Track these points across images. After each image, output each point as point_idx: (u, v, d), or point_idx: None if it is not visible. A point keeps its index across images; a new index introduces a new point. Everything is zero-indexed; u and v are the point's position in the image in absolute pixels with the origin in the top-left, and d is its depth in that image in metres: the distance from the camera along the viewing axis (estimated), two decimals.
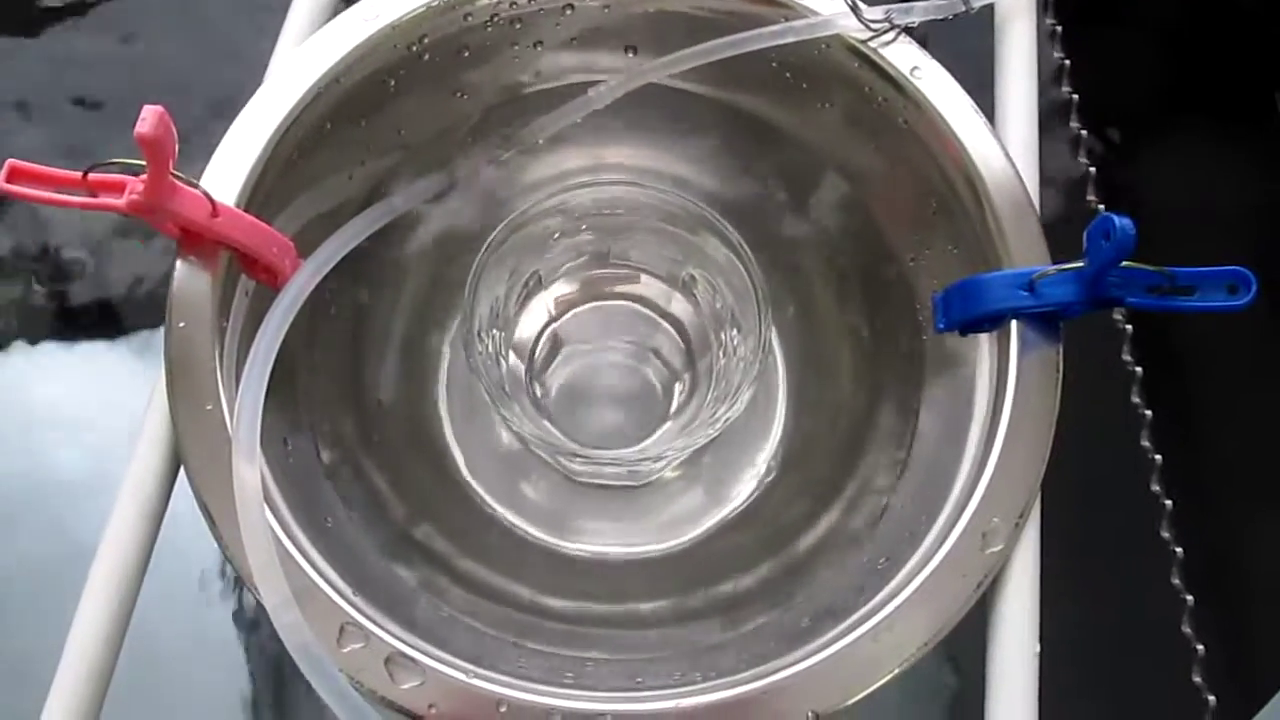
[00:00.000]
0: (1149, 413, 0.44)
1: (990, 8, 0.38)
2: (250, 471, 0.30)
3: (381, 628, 0.30)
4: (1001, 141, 0.36)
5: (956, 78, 0.37)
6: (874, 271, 0.39)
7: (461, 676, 0.29)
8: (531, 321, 0.41)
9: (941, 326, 0.36)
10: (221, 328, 0.33)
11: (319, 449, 0.36)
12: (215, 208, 0.33)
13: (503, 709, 0.29)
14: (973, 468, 0.33)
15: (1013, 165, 0.35)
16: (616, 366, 0.42)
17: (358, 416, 0.38)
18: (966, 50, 0.39)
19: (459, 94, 0.40)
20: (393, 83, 0.38)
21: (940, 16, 0.37)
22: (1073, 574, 0.34)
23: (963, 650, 0.32)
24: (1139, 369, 0.45)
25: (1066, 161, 0.49)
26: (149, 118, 0.28)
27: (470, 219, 0.41)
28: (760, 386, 0.40)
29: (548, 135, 0.40)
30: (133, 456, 0.32)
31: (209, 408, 0.32)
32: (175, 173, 0.31)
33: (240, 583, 0.38)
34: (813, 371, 0.41)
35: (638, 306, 0.42)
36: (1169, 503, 0.43)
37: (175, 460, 0.32)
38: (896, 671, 0.30)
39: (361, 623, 0.30)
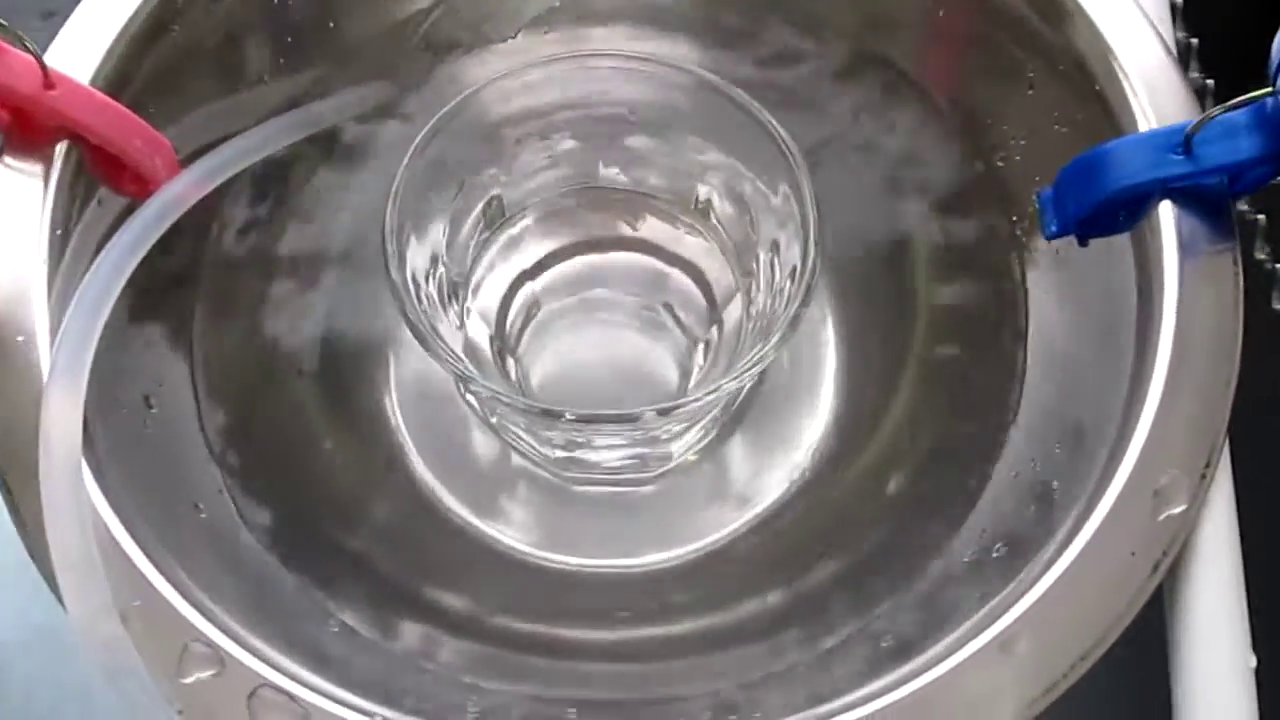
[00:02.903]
0: None
1: None
2: (68, 414, 0.21)
3: (250, 650, 0.20)
4: None
5: None
6: (945, 174, 0.30)
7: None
8: (497, 276, 0.31)
9: (1054, 230, 0.26)
10: (57, 239, 0.24)
11: (203, 417, 0.26)
12: (49, 77, 0.24)
13: None
14: (1124, 410, 0.23)
15: (1137, 4, 0.26)
16: (616, 337, 0.32)
17: (266, 381, 0.28)
18: None
19: None
20: None
21: None
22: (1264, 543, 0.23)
23: (1133, 667, 0.21)
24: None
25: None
26: None
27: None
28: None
29: (521, 26, 0.31)
30: None
31: (19, 339, 0.22)
32: None
33: None
34: (869, 310, 0.31)
35: (640, 256, 0.32)
36: None
37: None
38: (1039, 702, 0.20)
39: (217, 641, 0.20)
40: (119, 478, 0.22)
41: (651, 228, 0.32)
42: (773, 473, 0.30)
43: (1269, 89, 0.22)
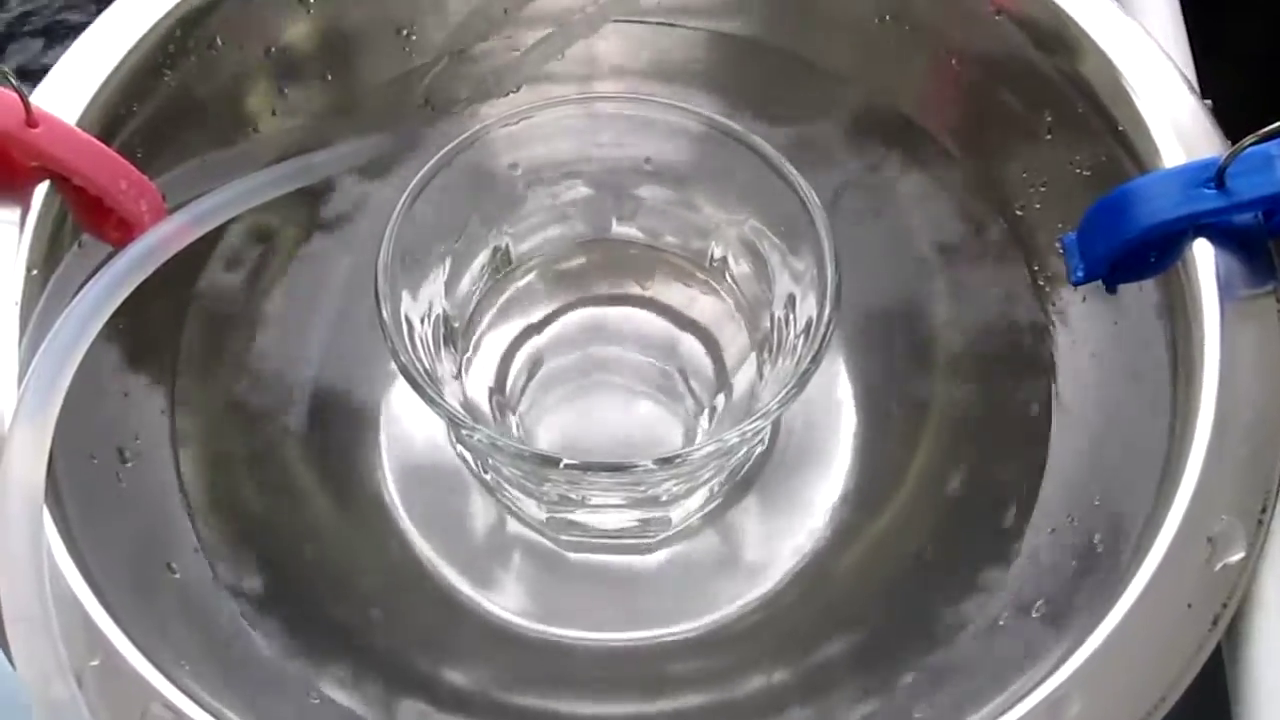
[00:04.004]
0: None
1: None
2: (31, 460, 0.20)
3: (216, 716, 0.18)
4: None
5: None
6: (963, 226, 0.29)
7: None
8: (500, 329, 0.30)
9: (1081, 275, 0.25)
10: (33, 280, 0.23)
11: (181, 473, 0.25)
12: (32, 114, 0.23)
13: None
14: (1167, 457, 0.21)
15: (1155, 42, 0.25)
16: (622, 401, 0.31)
17: (250, 437, 0.27)
18: None
19: (404, 32, 0.30)
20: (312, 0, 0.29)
21: None
22: None
23: None
24: None
25: None
26: None
27: None
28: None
29: (523, 80, 0.30)
30: None
31: None
32: None
33: None
34: (887, 369, 0.29)
35: (650, 316, 0.31)
36: None
37: None
38: None
39: (179, 706, 0.18)
40: (86, 531, 0.21)
41: (664, 286, 0.30)
42: (785, 541, 0.28)
43: None
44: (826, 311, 0.24)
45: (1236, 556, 0.19)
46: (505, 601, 0.27)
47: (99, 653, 0.18)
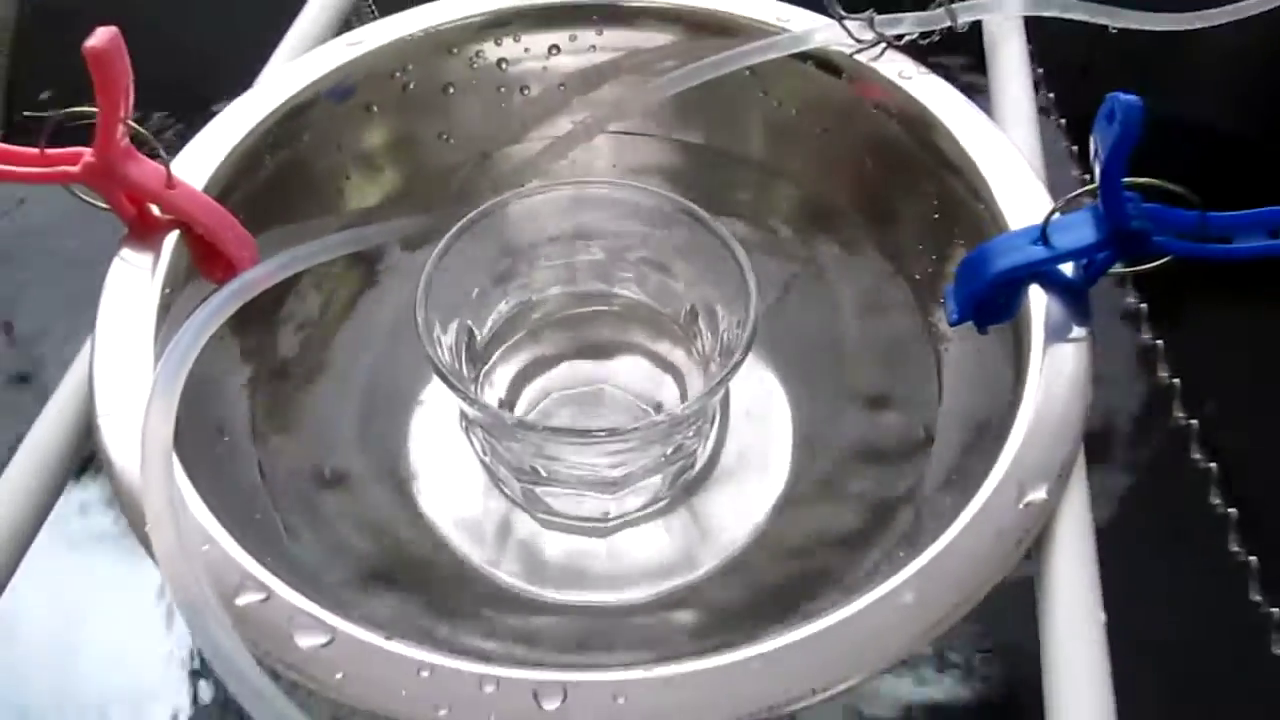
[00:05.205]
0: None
1: (978, 25, 0.38)
2: (163, 421, 0.27)
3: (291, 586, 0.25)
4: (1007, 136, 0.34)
5: None
6: (875, 297, 0.36)
7: (378, 641, 0.24)
8: (511, 363, 0.37)
9: (955, 318, 0.32)
10: (166, 296, 0.31)
11: (258, 452, 0.32)
12: (171, 179, 0.31)
13: (424, 674, 0.23)
14: (1000, 443, 0.28)
15: (1017, 149, 0.33)
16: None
17: (310, 434, 0.34)
18: None
19: (444, 137, 0.39)
20: (375, 108, 0.37)
21: (927, 29, 0.36)
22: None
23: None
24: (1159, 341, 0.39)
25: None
26: (101, 35, 0.28)
27: None
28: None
29: (535, 175, 0.39)
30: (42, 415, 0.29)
31: (135, 363, 0.29)
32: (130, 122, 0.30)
33: None
34: (816, 396, 0.36)
35: (639, 359, 0.38)
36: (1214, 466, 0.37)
37: (85, 420, 0.28)
38: (920, 639, 0.24)
39: (264, 580, 0.25)
40: (197, 479, 0.28)
41: (651, 336, 0.37)
42: (722, 532, 0.34)
43: (1094, 185, 0.28)
44: (740, 348, 0.31)
45: (1039, 497, 0.26)
46: (505, 566, 0.33)
47: (206, 542, 0.25)
